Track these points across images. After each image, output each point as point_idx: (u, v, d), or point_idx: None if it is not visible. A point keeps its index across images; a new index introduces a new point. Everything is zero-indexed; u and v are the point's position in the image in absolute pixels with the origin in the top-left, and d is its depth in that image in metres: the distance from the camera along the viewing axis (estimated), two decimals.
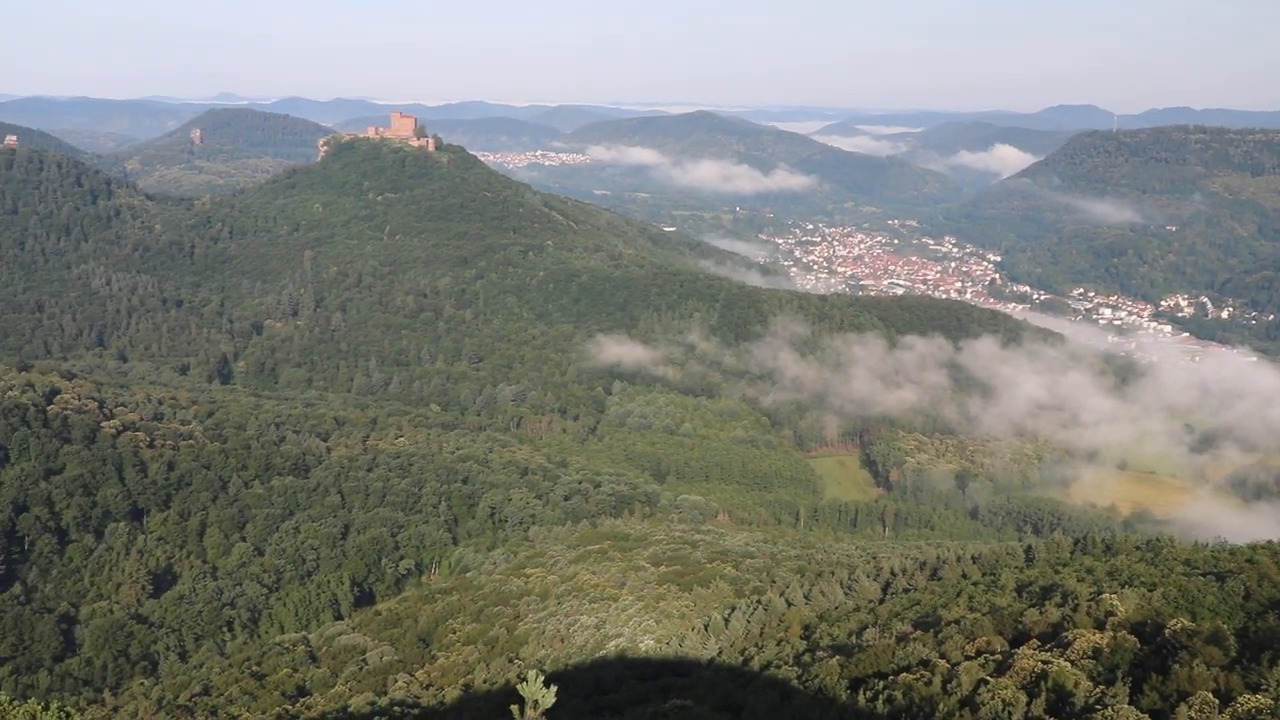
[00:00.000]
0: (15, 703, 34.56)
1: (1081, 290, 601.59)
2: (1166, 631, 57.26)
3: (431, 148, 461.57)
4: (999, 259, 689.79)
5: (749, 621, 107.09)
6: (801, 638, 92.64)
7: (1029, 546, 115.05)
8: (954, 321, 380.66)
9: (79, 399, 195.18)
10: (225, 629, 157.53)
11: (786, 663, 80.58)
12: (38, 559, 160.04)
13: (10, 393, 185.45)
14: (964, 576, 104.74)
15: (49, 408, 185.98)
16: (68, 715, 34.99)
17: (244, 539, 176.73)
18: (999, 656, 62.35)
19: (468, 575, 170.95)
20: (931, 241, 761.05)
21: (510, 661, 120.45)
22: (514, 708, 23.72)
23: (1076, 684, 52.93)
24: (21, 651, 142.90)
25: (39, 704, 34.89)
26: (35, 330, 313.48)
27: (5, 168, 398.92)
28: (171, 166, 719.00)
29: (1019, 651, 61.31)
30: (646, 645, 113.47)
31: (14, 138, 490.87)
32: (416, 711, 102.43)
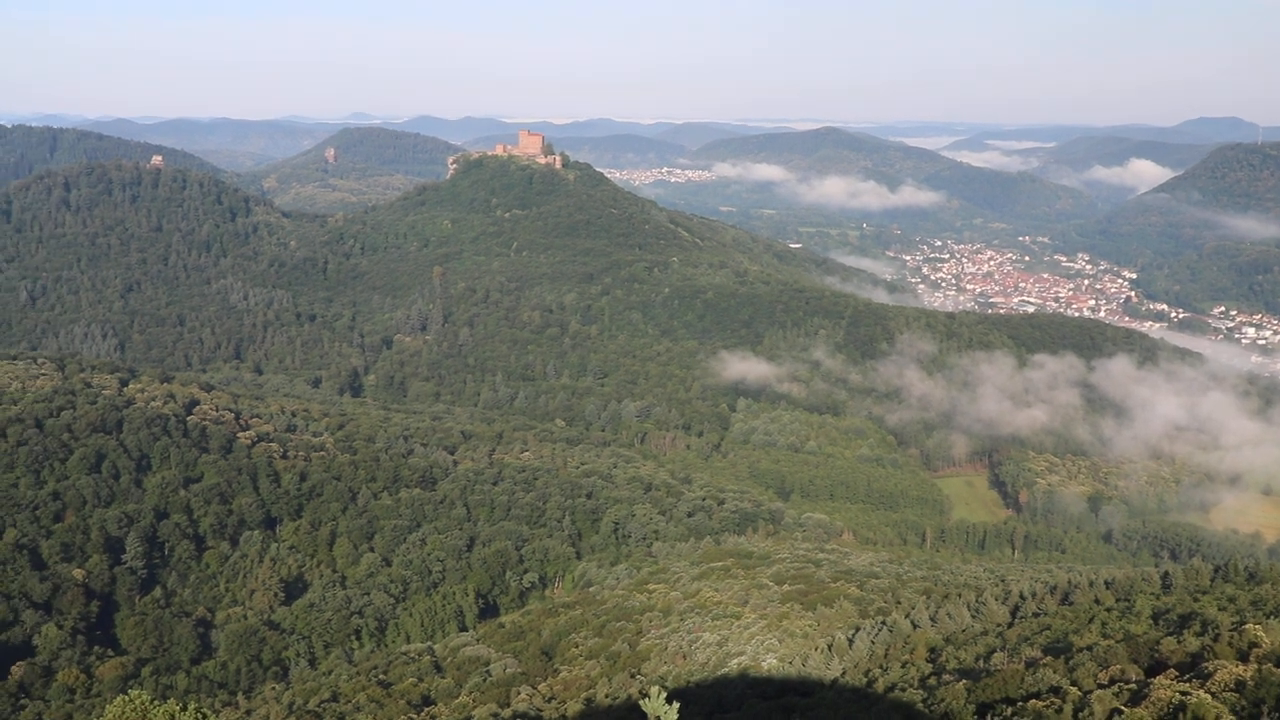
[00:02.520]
0: (156, 702, 35.77)
1: (1223, 308, 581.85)
2: None
3: (558, 165, 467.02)
4: (1134, 276, 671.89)
5: (873, 642, 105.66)
6: (927, 660, 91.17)
7: (1166, 573, 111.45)
8: (1087, 340, 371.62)
9: (217, 410, 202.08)
10: (353, 637, 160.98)
11: (911, 685, 79.31)
12: (177, 564, 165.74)
13: (153, 403, 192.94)
14: (1097, 602, 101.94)
15: (189, 418, 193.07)
16: (204, 717, 36.09)
17: (372, 549, 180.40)
18: (1134, 686, 60.44)
19: (591, 590, 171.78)
20: (1064, 258, 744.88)
21: (632, 677, 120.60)
22: None
23: (1218, 718, 51.01)
24: (161, 653, 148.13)
25: (178, 704, 36.11)
26: (177, 343, 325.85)
27: (151, 186, 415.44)
28: (306, 184, 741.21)
29: (1155, 681, 59.41)
30: (769, 664, 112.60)
31: (159, 157, 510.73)
32: None
